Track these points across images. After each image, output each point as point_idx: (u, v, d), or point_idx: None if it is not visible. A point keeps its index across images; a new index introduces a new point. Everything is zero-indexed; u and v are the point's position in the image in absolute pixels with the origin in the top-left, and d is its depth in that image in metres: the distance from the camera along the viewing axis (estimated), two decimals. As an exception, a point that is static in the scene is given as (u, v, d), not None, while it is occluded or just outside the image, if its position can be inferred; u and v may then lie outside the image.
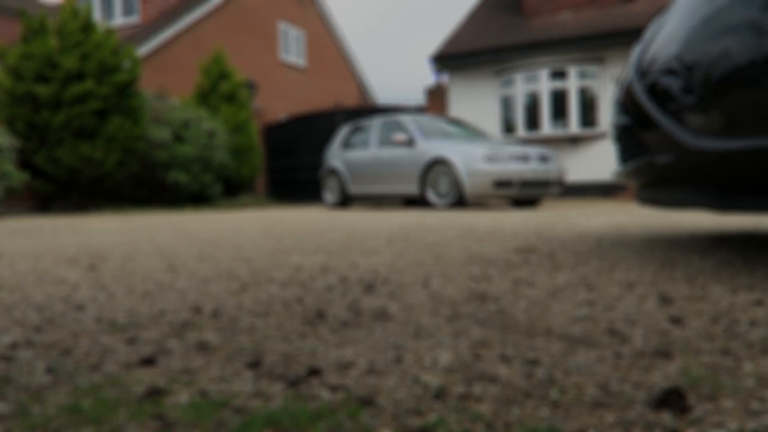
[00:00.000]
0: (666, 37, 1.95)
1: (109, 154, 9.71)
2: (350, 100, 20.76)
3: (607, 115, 10.64)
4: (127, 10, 16.53)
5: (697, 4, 1.83)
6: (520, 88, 11.29)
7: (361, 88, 21.92)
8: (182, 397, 0.79)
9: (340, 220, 5.17)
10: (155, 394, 0.79)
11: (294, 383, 0.82)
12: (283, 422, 0.68)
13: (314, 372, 0.86)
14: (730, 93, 1.67)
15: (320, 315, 1.26)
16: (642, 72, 2.09)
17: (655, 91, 1.97)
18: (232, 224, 4.85)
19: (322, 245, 2.83)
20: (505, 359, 0.91)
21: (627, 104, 2.22)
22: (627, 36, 10.11)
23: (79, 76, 9.59)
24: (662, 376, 0.81)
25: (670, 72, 1.87)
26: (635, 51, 2.28)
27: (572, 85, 10.85)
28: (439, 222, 4.34)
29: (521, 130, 11.25)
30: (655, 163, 2.03)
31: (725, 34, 1.69)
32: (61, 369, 0.93)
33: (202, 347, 1.03)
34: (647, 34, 2.21)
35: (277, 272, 1.92)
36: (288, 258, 2.35)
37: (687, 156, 1.83)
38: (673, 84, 1.86)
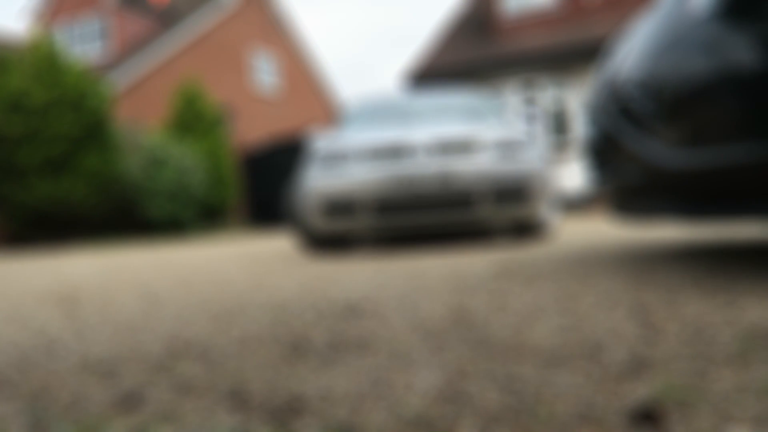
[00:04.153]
0: (633, 55, 2.00)
1: (80, 189, 9.59)
2: (327, 121, 20.85)
3: (577, 128, 10.83)
4: (99, 39, 16.46)
5: (662, 23, 1.89)
6: (492, 105, 11.44)
7: (335, 110, 22.03)
8: (163, 439, 0.77)
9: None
10: (135, 437, 0.78)
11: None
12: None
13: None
14: (692, 108, 1.72)
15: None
16: (610, 88, 2.14)
17: (623, 107, 2.02)
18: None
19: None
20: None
21: (597, 119, 2.27)
22: (594, 52, 10.35)
23: (50, 112, 9.50)
24: (642, 390, 0.82)
25: (637, 88, 1.92)
26: (604, 67, 2.34)
27: (542, 98, 11.04)
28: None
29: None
30: (626, 177, 2.07)
31: (687, 52, 1.75)
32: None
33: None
34: (615, 51, 2.27)
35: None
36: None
37: (656, 169, 1.88)
38: (641, 99, 1.91)
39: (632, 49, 2.04)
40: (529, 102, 11.04)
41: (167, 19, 17.08)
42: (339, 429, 0.76)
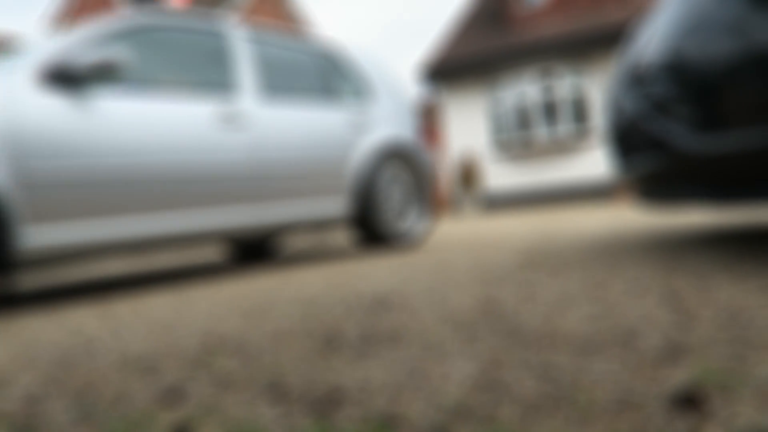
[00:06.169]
0: (656, 38, 1.98)
1: None
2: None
3: (597, 116, 10.70)
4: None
5: (686, 5, 1.87)
6: (509, 92, 11.36)
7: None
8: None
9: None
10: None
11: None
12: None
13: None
14: (718, 91, 1.70)
15: (334, 338, 1.26)
16: (633, 73, 2.12)
17: (647, 92, 2.00)
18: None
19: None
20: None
21: (620, 106, 2.25)
22: (612, 38, 10.21)
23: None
24: (680, 375, 0.82)
25: (661, 72, 1.90)
26: (626, 53, 2.31)
27: (561, 87, 10.93)
28: None
29: (513, 134, 11.31)
30: (651, 163, 2.05)
31: (712, 34, 1.72)
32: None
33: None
34: (637, 36, 2.24)
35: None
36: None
37: (682, 154, 1.86)
38: (665, 84, 1.89)
39: (655, 33, 2.02)
40: (547, 90, 10.95)
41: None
42: (380, 419, 0.78)
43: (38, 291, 3.43)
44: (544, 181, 11.06)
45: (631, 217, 4.76)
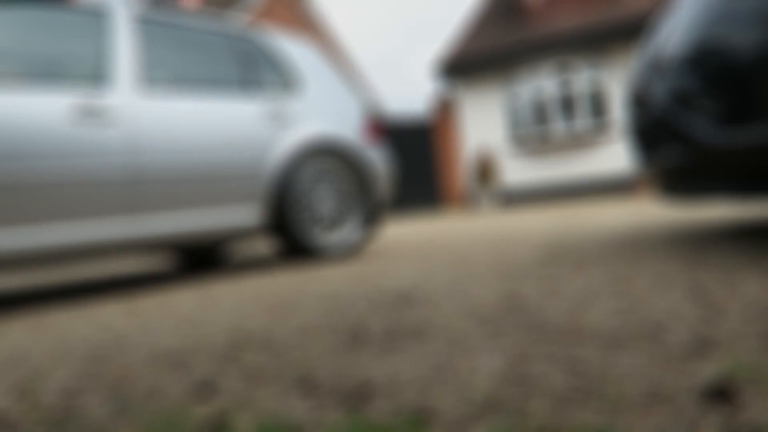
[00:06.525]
0: (678, 31, 1.96)
1: None
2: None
3: (615, 109, 10.59)
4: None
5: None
6: (526, 87, 11.29)
7: (367, 101, 22.03)
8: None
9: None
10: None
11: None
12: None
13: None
14: (742, 84, 1.68)
15: (360, 333, 1.27)
16: (655, 66, 2.11)
17: (669, 85, 1.98)
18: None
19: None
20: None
21: (641, 99, 2.23)
22: (630, 31, 10.10)
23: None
24: (709, 369, 0.82)
25: (684, 65, 1.88)
26: (647, 46, 2.29)
27: (579, 81, 10.83)
28: None
29: (530, 129, 11.25)
30: (673, 157, 2.03)
31: (736, 25, 1.70)
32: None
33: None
34: (658, 29, 2.22)
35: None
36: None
37: (705, 147, 1.84)
38: (688, 77, 1.87)
39: (677, 26, 2.00)
40: (565, 84, 10.86)
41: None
42: (413, 412, 0.79)
43: (63, 287, 3.49)
44: (561, 176, 10.99)
45: (652, 212, 4.71)
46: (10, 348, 1.59)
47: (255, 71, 3.26)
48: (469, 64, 11.66)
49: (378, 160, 3.59)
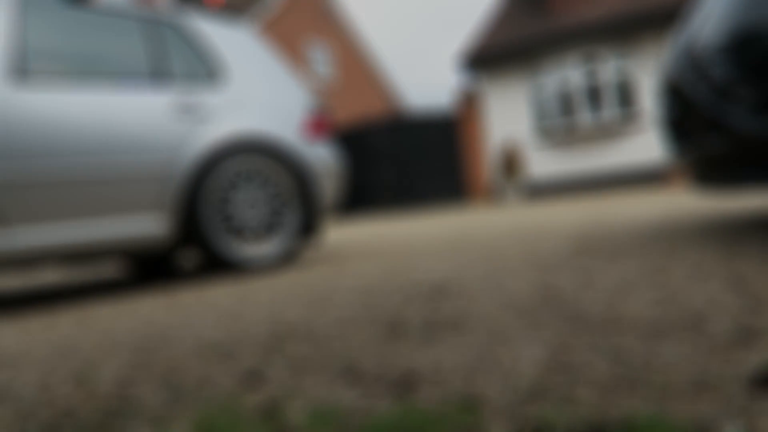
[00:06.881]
0: (712, 19, 1.94)
1: None
2: (381, 107, 20.91)
3: (644, 99, 10.42)
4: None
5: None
6: (551, 78, 11.17)
7: (391, 95, 22.05)
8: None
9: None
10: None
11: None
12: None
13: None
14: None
15: (399, 325, 1.29)
16: (688, 55, 2.08)
17: (704, 74, 1.95)
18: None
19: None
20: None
21: (674, 89, 2.21)
22: (657, 20, 9.92)
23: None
24: (755, 357, 0.82)
25: (719, 53, 1.86)
26: (680, 34, 2.26)
27: (605, 71, 10.68)
28: None
29: (556, 120, 11.13)
30: (708, 146, 2.01)
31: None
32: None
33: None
34: (691, 17, 2.19)
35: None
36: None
37: (742, 136, 1.82)
38: (723, 65, 1.85)
39: (711, 13, 1.97)
40: (591, 74, 10.72)
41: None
42: (462, 399, 0.81)
43: (106, 282, 3.59)
44: (589, 168, 10.86)
45: (686, 202, 4.65)
46: (61, 340, 1.65)
47: (167, 59, 2.87)
48: (494, 56, 11.58)
49: (321, 159, 3.20)
